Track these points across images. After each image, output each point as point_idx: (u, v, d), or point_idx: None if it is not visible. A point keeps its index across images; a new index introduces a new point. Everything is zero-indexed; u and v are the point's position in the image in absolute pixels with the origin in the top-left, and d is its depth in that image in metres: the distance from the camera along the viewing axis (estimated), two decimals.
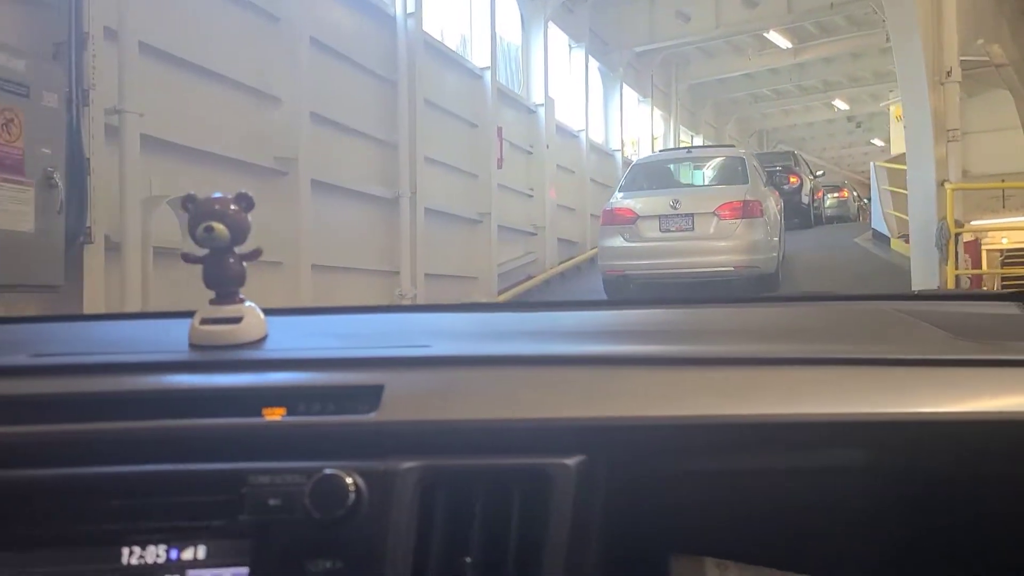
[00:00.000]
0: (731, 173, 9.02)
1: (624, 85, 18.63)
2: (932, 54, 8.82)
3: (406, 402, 0.80)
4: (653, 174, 9.29)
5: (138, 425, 0.79)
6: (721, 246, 7.91)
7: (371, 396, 0.80)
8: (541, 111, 14.09)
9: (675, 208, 8.09)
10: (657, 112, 21.23)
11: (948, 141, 8.96)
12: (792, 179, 16.01)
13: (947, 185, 8.77)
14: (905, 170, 15.73)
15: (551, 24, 14.87)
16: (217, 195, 0.91)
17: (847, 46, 20.53)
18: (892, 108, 26.13)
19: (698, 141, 22.65)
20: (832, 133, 31.68)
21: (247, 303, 0.94)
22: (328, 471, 0.73)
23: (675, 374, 0.84)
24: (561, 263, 14.08)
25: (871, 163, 15.20)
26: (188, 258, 0.95)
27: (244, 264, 0.93)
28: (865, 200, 32.71)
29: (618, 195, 8.84)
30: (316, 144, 7.63)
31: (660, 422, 0.78)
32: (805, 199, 16.63)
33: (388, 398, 0.80)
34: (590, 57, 16.56)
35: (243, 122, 6.97)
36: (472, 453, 0.77)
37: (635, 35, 17.56)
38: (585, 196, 16.12)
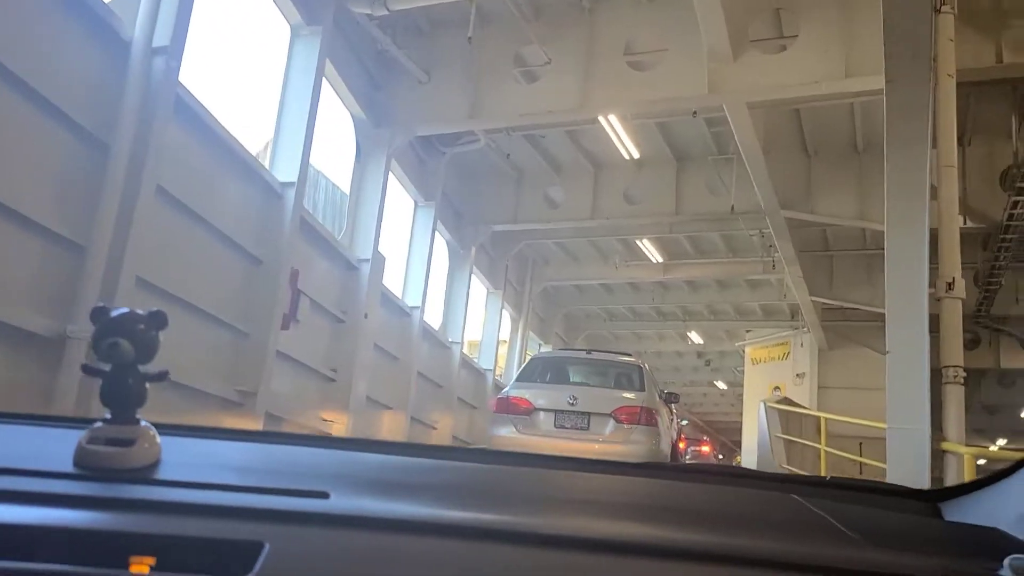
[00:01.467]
0: (629, 380, 8.83)
1: (475, 269, 15.58)
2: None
3: (286, 564, 0.72)
4: (551, 369, 9.21)
5: None
6: (615, 449, 7.71)
7: (249, 555, 0.71)
8: (365, 269, 10.53)
9: (572, 405, 7.96)
10: (507, 312, 18.26)
11: (947, 382, 6.02)
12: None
13: (957, 448, 5.69)
14: (800, 414, 13.21)
15: (396, 170, 11.73)
16: (126, 310, 0.88)
17: (717, 271, 18.74)
18: (747, 349, 24.89)
19: (546, 352, 19.79)
20: (679, 367, 30.09)
21: (143, 423, 0.90)
22: None
23: (581, 559, 0.78)
24: None
25: (760, 402, 12.44)
26: (88, 370, 0.93)
27: (147, 385, 0.90)
28: (720, 456, 30.85)
29: (513, 384, 8.74)
30: None
31: None
32: (674, 434, 13.75)
33: (268, 558, 0.71)
34: (439, 223, 13.44)
35: None
36: None
37: (496, 211, 14.77)
38: (408, 392, 12.33)
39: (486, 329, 17.55)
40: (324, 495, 0.84)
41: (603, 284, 20.84)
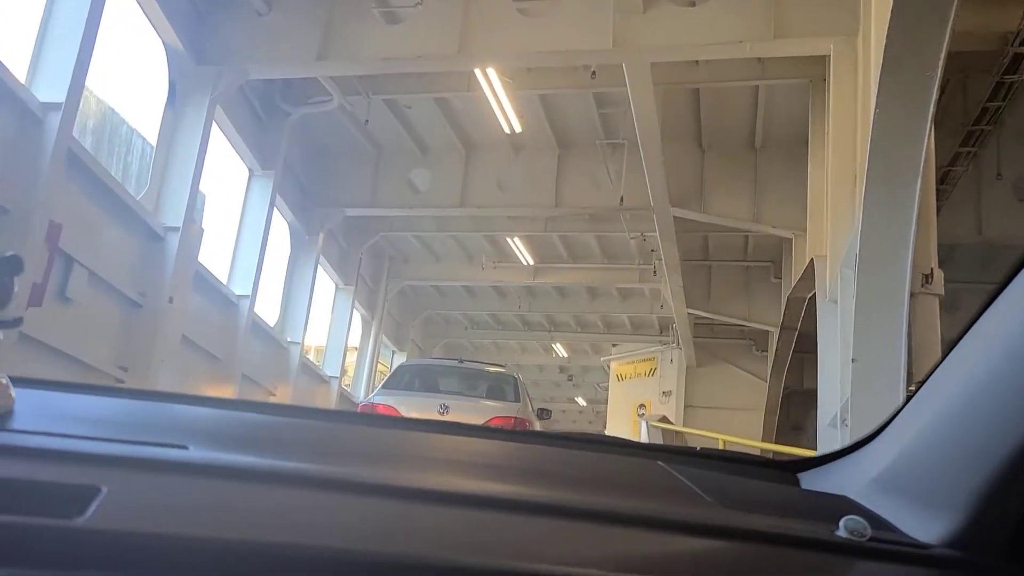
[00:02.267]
0: (502, 391, 8.59)
1: (323, 259, 13.47)
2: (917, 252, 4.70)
3: (123, 510, 0.69)
4: (421, 378, 8.86)
5: None
6: None
7: (83, 498, 0.69)
8: (174, 241, 8.29)
9: (442, 414, 7.62)
10: (358, 312, 16.20)
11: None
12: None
13: None
14: (675, 432, 11.95)
15: (226, 125, 9.56)
16: None
17: (591, 277, 17.42)
18: (613, 364, 23.83)
19: (399, 360, 17.87)
20: (539, 381, 28.76)
21: None
22: None
23: (445, 512, 0.78)
24: None
25: (642, 422, 11.05)
26: None
27: (1, 332, 0.86)
28: None
29: (380, 391, 8.45)
30: None
31: (390, 560, 0.69)
32: None
33: (105, 503, 0.69)
34: (280, 199, 11.29)
35: None
36: None
37: (350, 192, 12.77)
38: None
39: (333, 330, 15.41)
40: (183, 447, 0.82)
41: (466, 287, 19.17)
